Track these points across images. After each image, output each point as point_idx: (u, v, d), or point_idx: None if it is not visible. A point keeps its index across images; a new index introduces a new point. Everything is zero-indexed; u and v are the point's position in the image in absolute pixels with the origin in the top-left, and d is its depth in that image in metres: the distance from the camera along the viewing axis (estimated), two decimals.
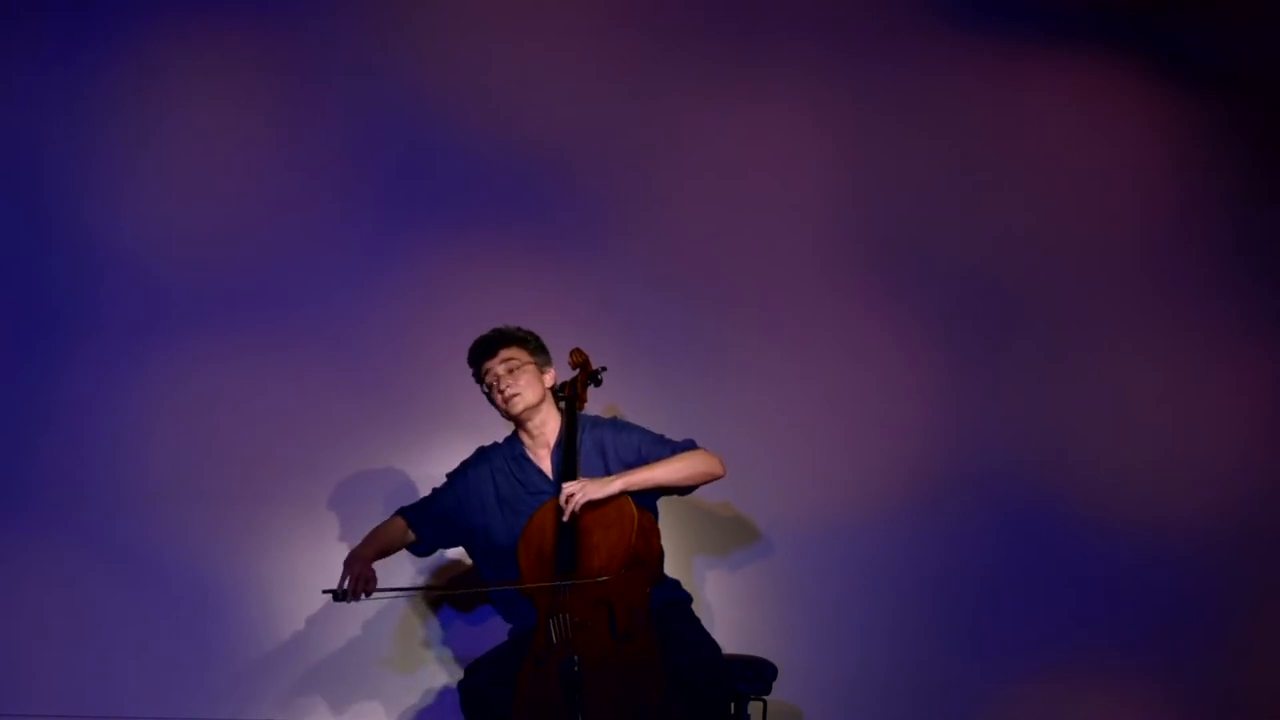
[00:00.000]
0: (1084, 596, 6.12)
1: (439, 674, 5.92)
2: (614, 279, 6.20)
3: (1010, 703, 6.02)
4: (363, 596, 4.91)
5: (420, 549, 5.30)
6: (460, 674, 5.25)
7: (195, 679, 5.82)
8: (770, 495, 6.06)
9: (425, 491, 5.54)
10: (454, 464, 5.40)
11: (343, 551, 5.33)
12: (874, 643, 6.02)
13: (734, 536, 6.07)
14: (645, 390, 6.04)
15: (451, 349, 5.45)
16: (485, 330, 5.34)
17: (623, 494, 4.93)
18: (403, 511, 5.27)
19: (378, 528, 5.23)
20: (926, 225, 6.33)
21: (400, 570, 5.80)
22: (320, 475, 5.97)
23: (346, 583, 4.92)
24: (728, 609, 6.01)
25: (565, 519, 4.91)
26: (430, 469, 5.67)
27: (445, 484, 5.29)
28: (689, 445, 5.12)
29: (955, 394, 6.22)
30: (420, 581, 5.97)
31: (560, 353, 5.37)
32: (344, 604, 4.96)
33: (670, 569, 5.20)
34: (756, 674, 5.28)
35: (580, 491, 4.93)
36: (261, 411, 6.03)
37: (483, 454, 5.30)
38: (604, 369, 5.32)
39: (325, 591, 4.91)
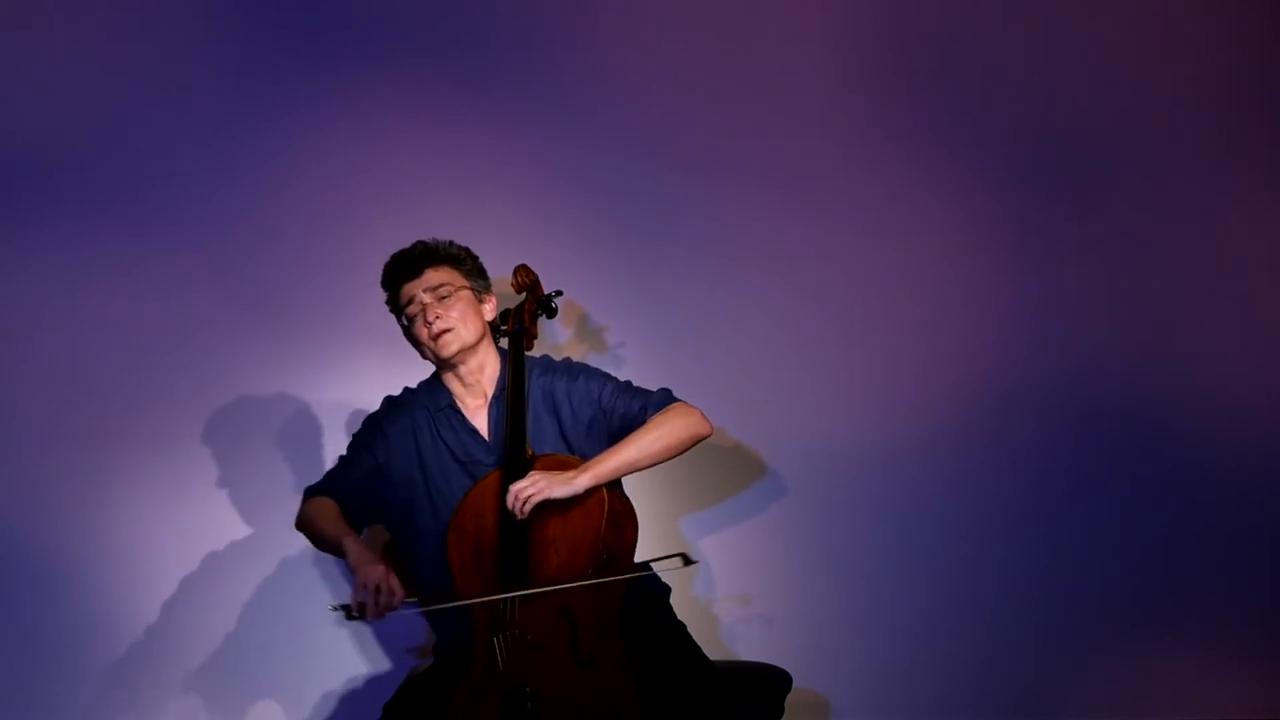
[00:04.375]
0: (1196, 554, 5.46)
1: (355, 660, 5.32)
2: (571, 150, 5.50)
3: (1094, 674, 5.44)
4: (387, 616, 4.32)
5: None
6: (384, 658, 5.18)
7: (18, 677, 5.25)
8: (783, 418, 5.45)
9: (324, 424, 5.28)
10: (363, 390, 5.06)
11: (216, 509, 5.16)
12: (920, 611, 5.41)
13: (733, 475, 5.43)
14: (618, 314, 5.42)
15: (349, 247, 5.21)
16: (386, 229, 4.90)
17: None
18: (320, 490, 4.62)
19: (322, 516, 4.55)
20: (986, 56, 5.63)
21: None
22: (183, 407, 5.33)
23: (364, 595, 4.28)
24: (723, 571, 5.39)
25: (519, 517, 4.36)
26: (319, 396, 5.32)
27: (354, 447, 4.69)
28: (664, 396, 4.61)
29: (1028, 283, 5.54)
30: None
31: (499, 268, 4.80)
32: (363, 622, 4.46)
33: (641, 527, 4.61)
34: (764, 691, 4.70)
35: (536, 490, 4.33)
36: (103, 324, 5.37)
37: (396, 405, 4.72)
38: (559, 293, 4.77)
39: (336, 608, 4.32)
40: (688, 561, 4.38)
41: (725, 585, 5.35)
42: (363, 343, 5.11)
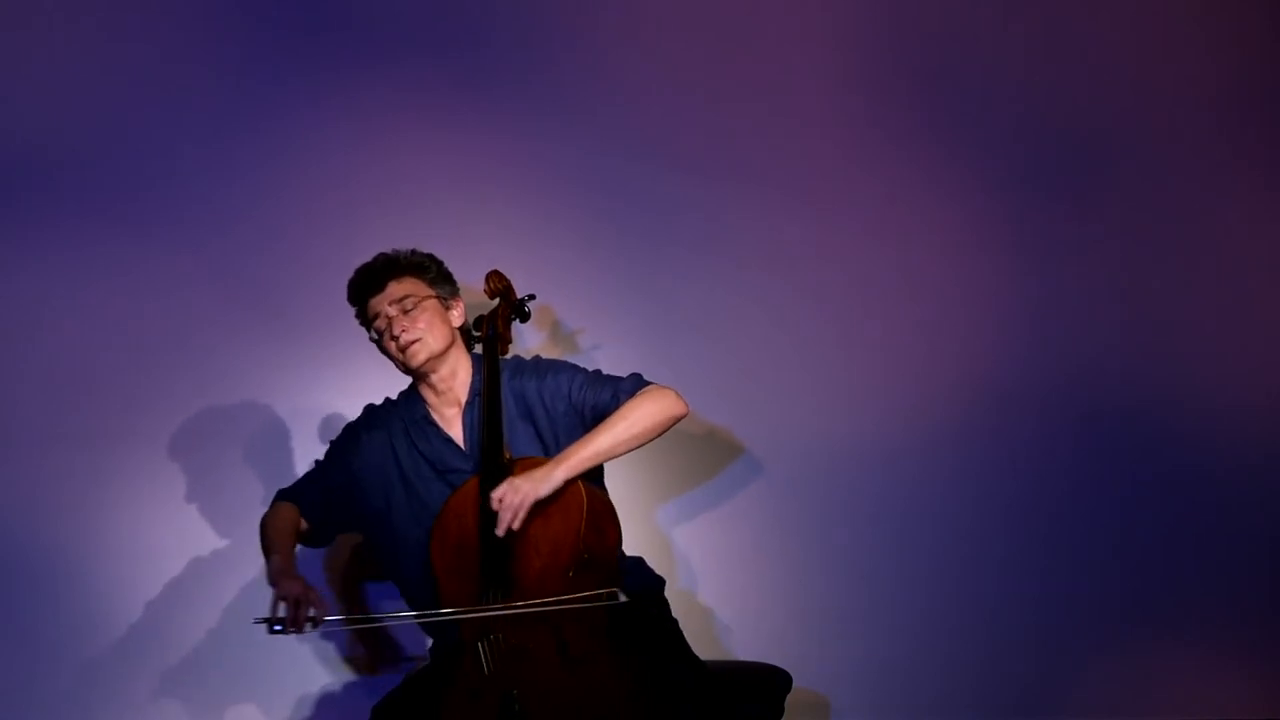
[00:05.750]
0: (1196, 553, 5.41)
1: (325, 666, 5.25)
2: (571, 150, 5.42)
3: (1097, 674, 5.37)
4: (308, 628, 4.23)
5: (314, 539, 4.65)
6: (381, 659, 5.10)
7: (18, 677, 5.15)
8: (783, 418, 5.38)
9: (324, 424, 5.17)
10: (363, 390, 4.83)
11: (216, 509, 5.08)
12: (920, 611, 5.35)
13: (733, 475, 5.37)
14: (618, 314, 5.36)
15: (349, 247, 4.80)
16: (386, 229, 4.91)
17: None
18: (286, 495, 4.59)
19: (273, 523, 4.52)
20: (986, 56, 5.57)
21: None
22: (183, 407, 5.26)
23: (281, 609, 4.21)
24: (724, 571, 5.33)
25: (500, 532, 4.25)
26: (318, 396, 5.24)
27: (330, 455, 4.66)
28: (635, 381, 4.52)
29: (1028, 283, 5.49)
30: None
31: (468, 272, 4.72)
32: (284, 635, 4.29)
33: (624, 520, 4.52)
34: (764, 691, 4.66)
35: (517, 497, 4.25)
36: (103, 324, 5.28)
37: (374, 416, 4.66)
38: (532, 297, 4.70)
39: (259, 621, 4.21)
40: (620, 599, 4.23)
41: (725, 585, 5.28)
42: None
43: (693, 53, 5.46)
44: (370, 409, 4.64)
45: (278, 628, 4.18)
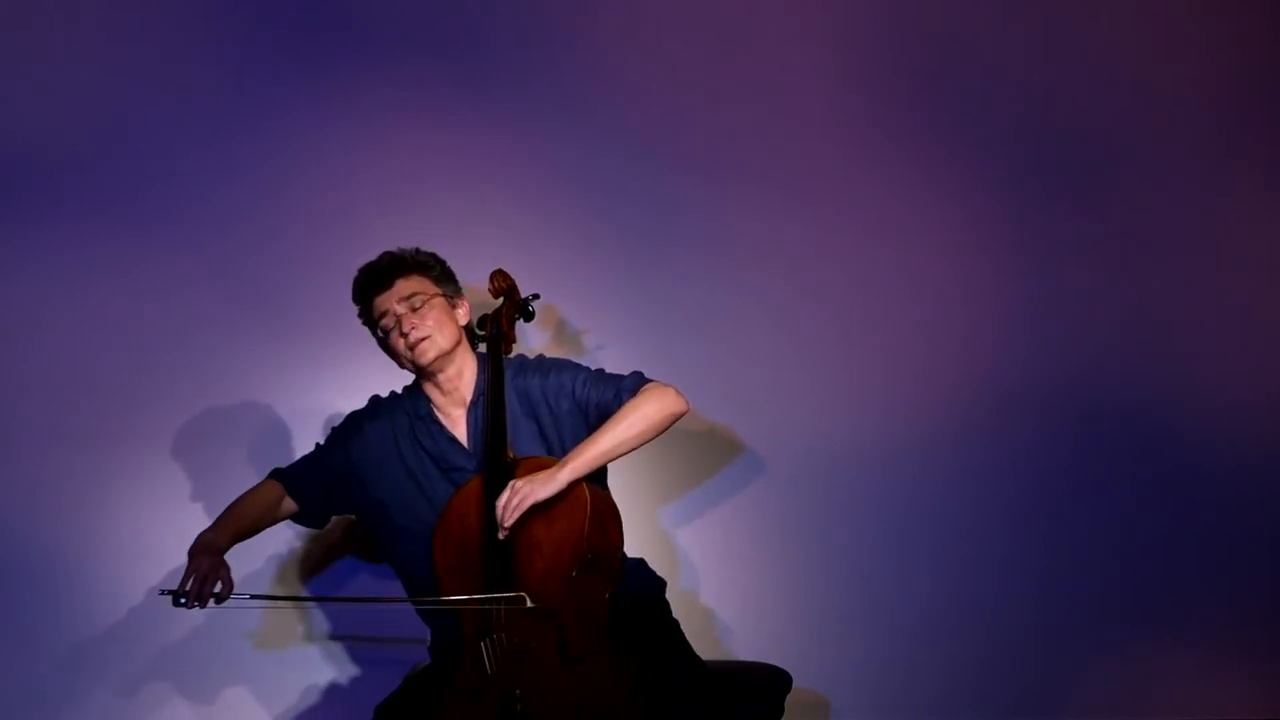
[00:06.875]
0: (1196, 552, 5.38)
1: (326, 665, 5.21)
2: (571, 150, 5.39)
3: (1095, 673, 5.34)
4: (210, 603, 4.18)
5: (308, 520, 4.62)
6: (354, 667, 5.10)
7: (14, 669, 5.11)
8: (783, 418, 5.35)
9: (324, 425, 5.12)
10: (363, 389, 4.78)
11: (216, 509, 4.66)
12: (920, 611, 5.32)
13: (733, 475, 5.33)
14: (618, 314, 5.33)
15: (349, 247, 4.77)
16: (386, 229, 4.83)
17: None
18: (278, 474, 4.57)
19: (241, 498, 4.51)
20: (986, 56, 5.52)
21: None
22: (177, 409, 5.23)
23: (190, 583, 4.18)
24: (724, 571, 5.30)
25: (502, 536, 4.23)
26: (318, 396, 5.22)
27: (332, 440, 4.63)
28: (637, 379, 4.48)
29: (1028, 283, 5.45)
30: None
31: (468, 273, 4.67)
32: (188, 609, 4.21)
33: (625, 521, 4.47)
34: (764, 691, 4.61)
35: (520, 498, 4.23)
36: (103, 324, 5.24)
37: (379, 406, 4.64)
38: (536, 296, 4.65)
39: (164, 592, 4.19)
40: (526, 604, 4.18)
41: (725, 586, 5.25)
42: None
43: (693, 53, 5.41)
44: (375, 399, 4.62)
45: (182, 600, 4.15)
